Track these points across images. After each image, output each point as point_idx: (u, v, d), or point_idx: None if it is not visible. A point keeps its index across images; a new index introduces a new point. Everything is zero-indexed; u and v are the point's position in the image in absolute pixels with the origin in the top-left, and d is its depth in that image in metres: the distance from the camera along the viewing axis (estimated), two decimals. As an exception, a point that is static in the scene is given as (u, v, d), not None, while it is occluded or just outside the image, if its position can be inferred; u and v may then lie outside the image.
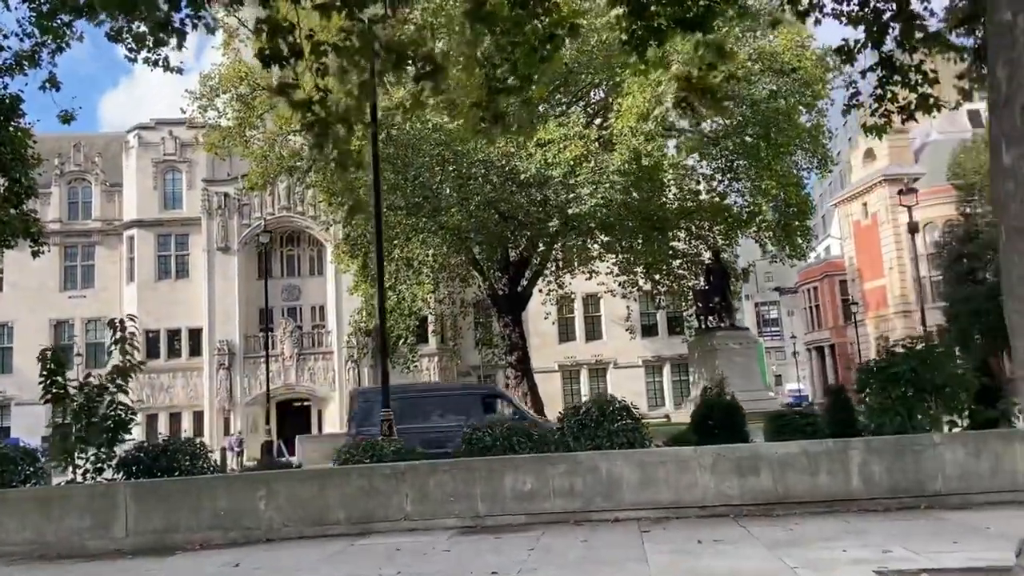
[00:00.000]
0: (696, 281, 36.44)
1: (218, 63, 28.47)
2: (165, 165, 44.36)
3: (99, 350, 44.02)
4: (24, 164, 14.65)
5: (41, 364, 9.81)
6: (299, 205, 44.03)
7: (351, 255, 30.97)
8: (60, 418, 9.65)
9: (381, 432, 10.95)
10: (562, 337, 46.99)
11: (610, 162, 24.02)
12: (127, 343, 9.90)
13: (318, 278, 45.27)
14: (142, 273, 43.28)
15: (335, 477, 8.77)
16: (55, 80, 15.38)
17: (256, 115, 28.93)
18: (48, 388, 9.76)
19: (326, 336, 44.13)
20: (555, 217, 25.64)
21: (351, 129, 8.85)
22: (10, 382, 42.78)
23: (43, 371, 9.78)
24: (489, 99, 9.31)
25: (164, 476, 10.29)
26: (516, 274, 33.26)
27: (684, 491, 8.31)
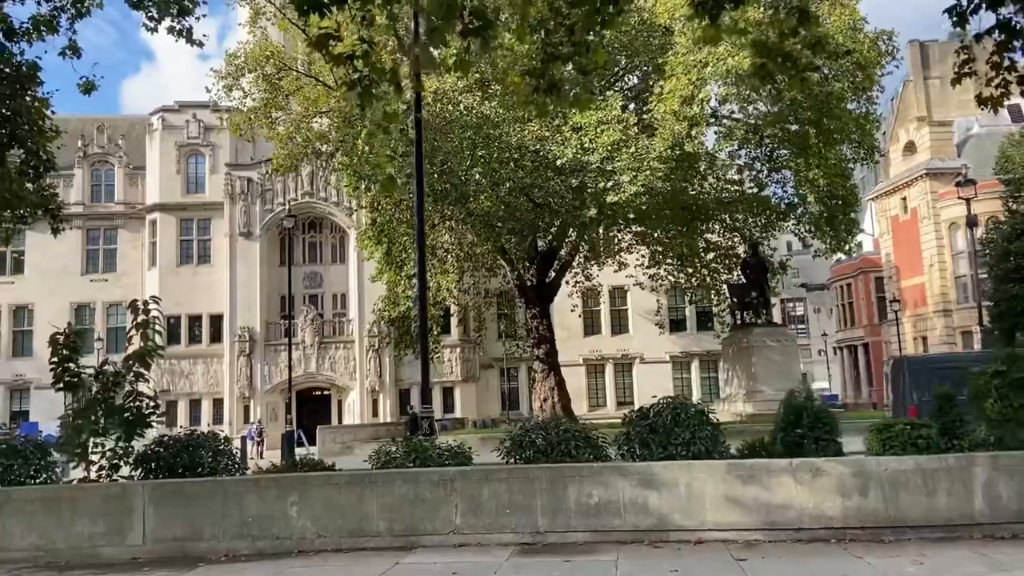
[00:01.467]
0: (730, 275, 35.25)
1: (244, 41, 27.63)
2: (188, 149, 43.64)
3: (120, 335, 43.49)
4: (42, 136, 13.73)
5: (52, 348, 8.91)
6: (322, 191, 43.20)
7: (376, 241, 30.01)
8: (74, 407, 8.74)
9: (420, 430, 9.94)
10: (587, 330, 45.90)
11: (651, 148, 22.83)
12: (149, 327, 8.96)
13: (340, 265, 44.45)
14: (164, 258, 42.65)
15: (376, 483, 7.78)
16: (76, 47, 14.48)
17: (282, 96, 28.06)
18: (60, 374, 8.85)
19: (347, 324, 43.33)
20: (591, 205, 24.52)
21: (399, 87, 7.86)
22: (30, 366, 42.31)
23: (54, 356, 8.87)
24: (543, 66, 8.30)
25: (185, 474, 9.39)
26: (545, 264, 32.21)
27: (776, 511, 7.25)
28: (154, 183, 43.45)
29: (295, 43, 29.98)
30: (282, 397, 42.35)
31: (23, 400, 42.57)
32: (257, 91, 27.12)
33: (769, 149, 28.53)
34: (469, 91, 24.64)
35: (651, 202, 23.96)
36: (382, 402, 42.15)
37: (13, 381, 42.36)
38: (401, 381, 42.74)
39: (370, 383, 42.01)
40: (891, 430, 7.64)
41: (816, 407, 8.31)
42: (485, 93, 25.05)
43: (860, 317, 55.11)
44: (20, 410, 42.28)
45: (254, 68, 26.79)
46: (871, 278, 53.78)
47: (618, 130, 23.37)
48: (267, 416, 41.22)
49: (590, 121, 23.65)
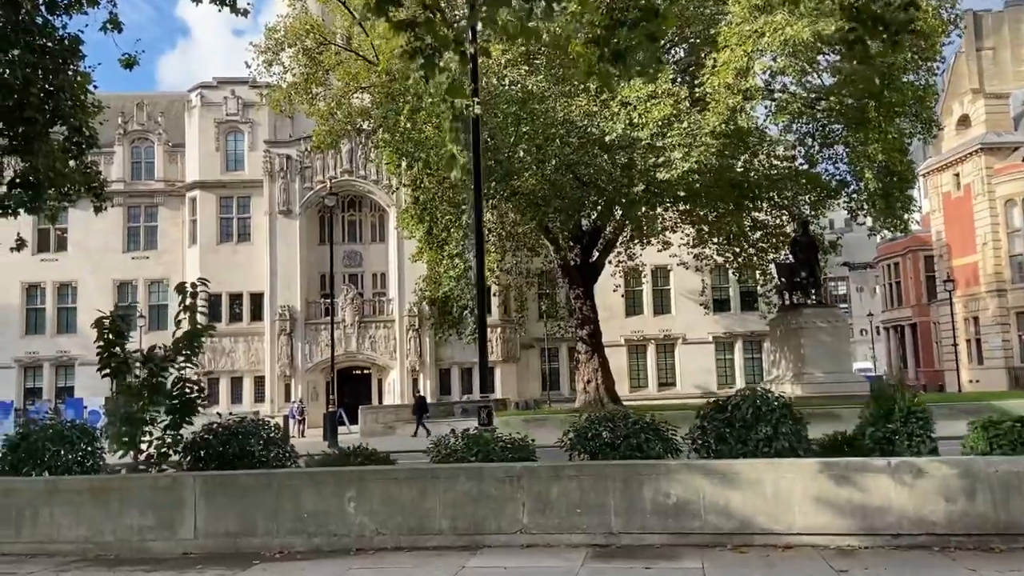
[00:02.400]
0: (777, 254, 34.28)
1: (284, 15, 27.22)
2: (227, 126, 43.56)
3: (161, 312, 43.91)
4: (84, 112, 13.43)
5: (97, 332, 8.58)
6: (362, 168, 42.85)
7: (418, 220, 29.58)
8: (121, 394, 8.41)
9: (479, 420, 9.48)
10: (629, 310, 45.16)
11: (704, 123, 21.98)
12: (197, 311, 8.58)
13: (380, 244, 44.19)
14: (204, 235, 42.78)
15: (439, 479, 7.32)
16: (116, 20, 14.13)
17: (322, 71, 27.65)
18: (106, 360, 8.53)
19: (387, 304, 43.13)
20: (639, 182, 23.77)
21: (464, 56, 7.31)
22: (74, 342, 42.90)
23: (99, 340, 8.55)
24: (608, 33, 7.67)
25: (235, 463, 9.06)
26: (589, 244, 31.55)
27: (873, 515, 6.65)
28: (193, 160, 43.51)
29: (335, 17, 29.51)
30: (323, 376, 42.42)
31: (68, 376, 43.23)
32: (297, 66, 26.74)
33: (821, 124, 27.46)
34: (514, 64, 23.98)
35: (702, 179, 23.13)
36: (422, 382, 42.00)
37: (58, 357, 43.00)
38: (441, 361, 42.54)
39: (410, 363, 41.85)
40: (999, 427, 6.97)
41: (909, 399, 7.65)
42: (531, 67, 24.37)
43: (908, 297, 53.54)
44: (65, 386, 42.94)
45: (294, 42, 26.40)
46: (920, 257, 52.09)
47: (669, 104, 22.53)
48: (308, 395, 41.34)
49: (640, 95, 22.84)
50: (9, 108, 12.32)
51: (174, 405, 8.56)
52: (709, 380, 44.49)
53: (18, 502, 7.54)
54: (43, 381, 42.89)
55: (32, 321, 43.39)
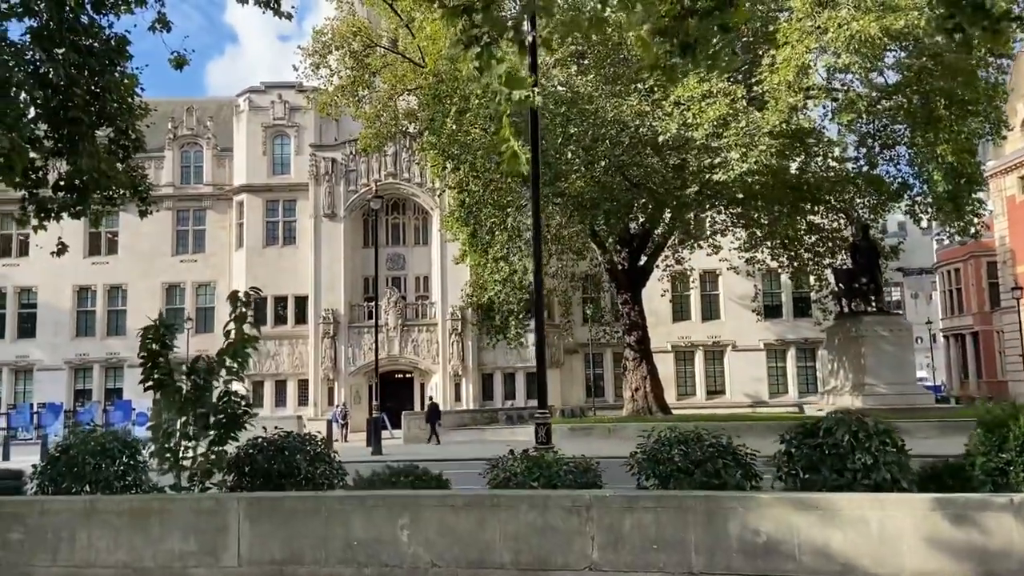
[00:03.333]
0: (832, 259, 33.07)
1: (331, 17, 27.01)
2: (274, 130, 43.70)
3: (208, 315, 44.23)
4: (131, 114, 13.14)
5: (141, 342, 8.15)
6: (405, 171, 42.62)
7: (463, 222, 29.13)
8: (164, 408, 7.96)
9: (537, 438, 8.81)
10: (676, 316, 44.09)
11: (763, 122, 21.08)
12: (246, 321, 8.10)
13: (423, 247, 43.88)
14: (250, 239, 42.94)
15: (499, 507, 6.70)
16: (165, 20, 13.83)
17: (368, 73, 27.38)
18: (150, 372, 8.09)
19: (430, 307, 42.77)
20: (692, 184, 22.95)
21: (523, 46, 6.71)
22: (123, 344, 43.35)
23: (143, 350, 8.12)
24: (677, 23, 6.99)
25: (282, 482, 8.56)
26: (637, 248, 30.76)
27: (994, 559, 5.86)
28: (241, 164, 43.75)
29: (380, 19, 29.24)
30: (365, 379, 42.21)
31: (117, 378, 43.70)
32: (344, 68, 26.52)
33: (882, 124, 26.33)
34: (563, 64, 23.35)
35: (760, 181, 22.22)
36: (464, 387, 41.53)
37: (107, 359, 43.51)
38: (484, 365, 42.03)
39: (453, 367, 41.41)
40: None
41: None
42: (580, 66, 23.73)
43: (969, 304, 51.54)
44: (114, 387, 43.41)
45: (341, 45, 26.16)
46: (983, 263, 50.09)
47: (725, 104, 21.70)
48: (351, 398, 41.17)
49: (694, 95, 22.06)
50: (53, 108, 12.10)
51: (219, 420, 8.09)
52: (760, 389, 43.25)
53: (55, 523, 7.12)
54: (93, 383, 43.44)
55: (82, 323, 44.00)
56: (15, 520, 7.24)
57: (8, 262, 43.40)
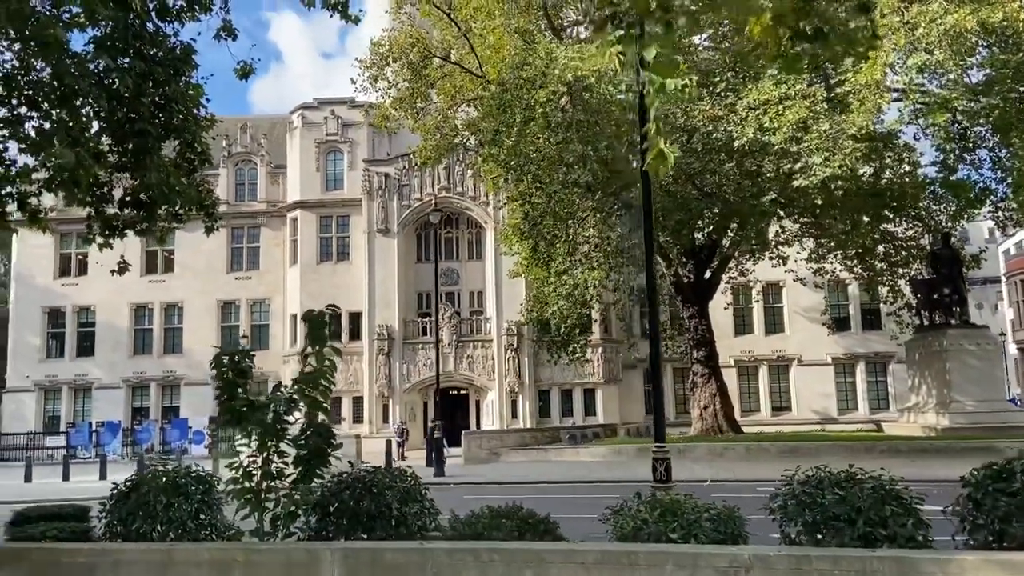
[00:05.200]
0: (907, 269, 31.41)
1: (388, 28, 26.52)
2: (327, 145, 43.54)
3: (263, 332, 44.11)
4: (197, 126, 12.57)
5: (216, 371, 7.38)
6: (459, 185, 42.03)
7: (523, 236, 28.29)
8: (246, 444, 7.18)
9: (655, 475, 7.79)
10: (738, 329, 42.55)
11: (847, 124, 19.83)
12: (327, 343, 7.29)
13: (477, 262, 43.17)
14: (304, 255, 42.74)
15: (638, 565, 5.70)
16: (230, 28, 13.28)
17: (426, 84, 26.80)
18: (227, 403, 7.31)
19: (485, 323, 41.98)
20: (771, 190, 21.74)
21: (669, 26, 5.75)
22: (180, 362, 43.51)
23: (219, 379, 7.35)
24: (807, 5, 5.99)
25: (372, 524, 7.71)
26: (705, 260, 29.55)
27: None
28: (295, 181, 43.67)
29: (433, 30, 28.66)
30: (420, 396, 41.58)
31: (173, 395, 43.77)
32: (401, 80, 25.97)
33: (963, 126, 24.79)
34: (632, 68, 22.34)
35: (843, 186, 20.93)
36: (521, 404, 40.57)
37: (164, 377, 43.60)
38: (540, 382, 41.02)
39: (509, 384, 40.50)
40: None
41: None
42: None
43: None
44: (171, 405, 43.47)
45: (399, 56, 25.62)
46: (1060, 272, 47.60)
47: (804, 106, 20.52)
48: (406, 415, 40.51)
49: (770, 98, 20.93)
50: (118, 120, 11.58)
51: (303, 455, 7.28)
52: (828, 405, 41.43)
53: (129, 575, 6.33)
54: (150, 401, 43.54)
55: (140, 342, 44.20)
56: (86, 571, 6.50)
57: (67, 281, 43.86)
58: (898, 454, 22.93)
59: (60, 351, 43.91)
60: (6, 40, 12.75)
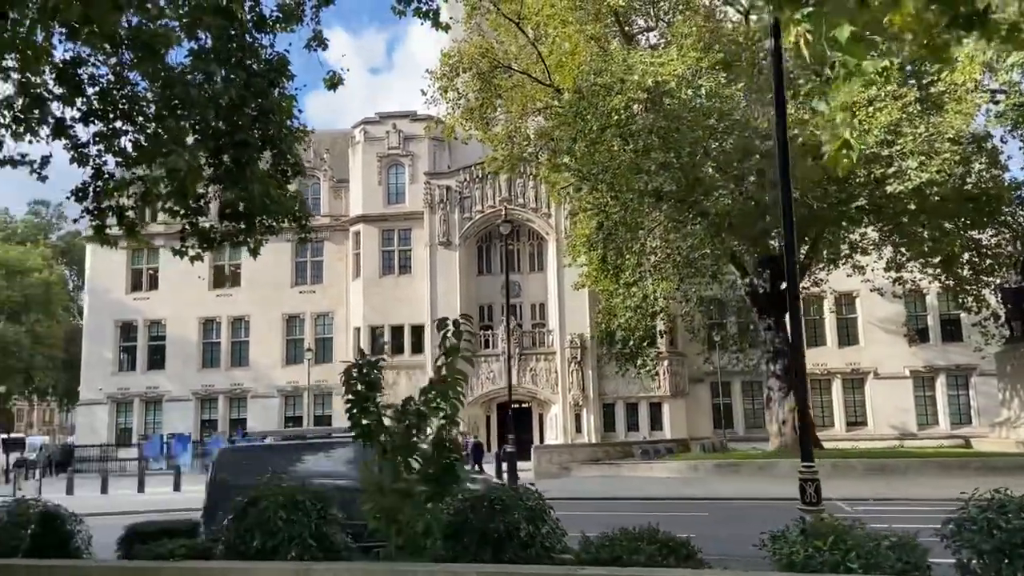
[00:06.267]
0: (992, 277, 30.01)
1: (458, 39, 26.44)
2: (389, 159, 43.78)
3: (327, 345, 44.39)
4: (291, 136, 12.47)
5: (345, 384, 7.10)
6: (520, 197, 41.77)
7: (592, 247, 27.84)
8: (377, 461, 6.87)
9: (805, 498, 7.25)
10: (809, 342, 41.22)
11: (944, 127, 18.95)
12: (460, 354, 6.95)
13: (538, 274, 42.82)
14: (367, 268, 42.94)
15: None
16: (321, 37, 13.22)
17: (495, 95, 26.62)
18: (357, 418, 7.02)
19: (547, 335, 41.54)
20: (860, 196, 20.92)
21: (864, 0, 5.27)
22: (247, 375, 44.04)
23: (349, 392, 7.07)
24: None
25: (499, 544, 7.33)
26: (781, 268, 28.64)
27: None
28: (357, 195, 43.97)
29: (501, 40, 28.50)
30: (483, 410, 41.27)
31: (240, 408, 44.28)
32: (471, 91, 25.84)
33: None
34: (712, 71, 21.82)
35: (939, 192, 20.00)
36: (585, 418, 39.95)
37: (232, 390, 44.15)
38: (605, 396, 40.36)
39: (573, 397, 39.94)
40: None
41: None
42: (730, 73, 22.17)
43: None
44: (238, 418, 43.97)
45: (469, 66, 25.49)
46: None
47: (896, 108, 19.70)
48: (471, 429, 40.18)
49: (859, 100, 20.16)
50: (217, 131, 11.51)
51: (430, 473, 6.93)
52: (907, 420, 39.85)
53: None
54: (218, 413, 44.12)
55: (208, 355, 44.87)
56: (221, 592, 6.23)
57: (139, 296, 44.81)
58: (995, 471, 21.72)
59: (132, 364, 44.82)
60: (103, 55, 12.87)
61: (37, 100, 12.52)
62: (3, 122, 11.47)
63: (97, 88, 12.51)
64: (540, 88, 25.80)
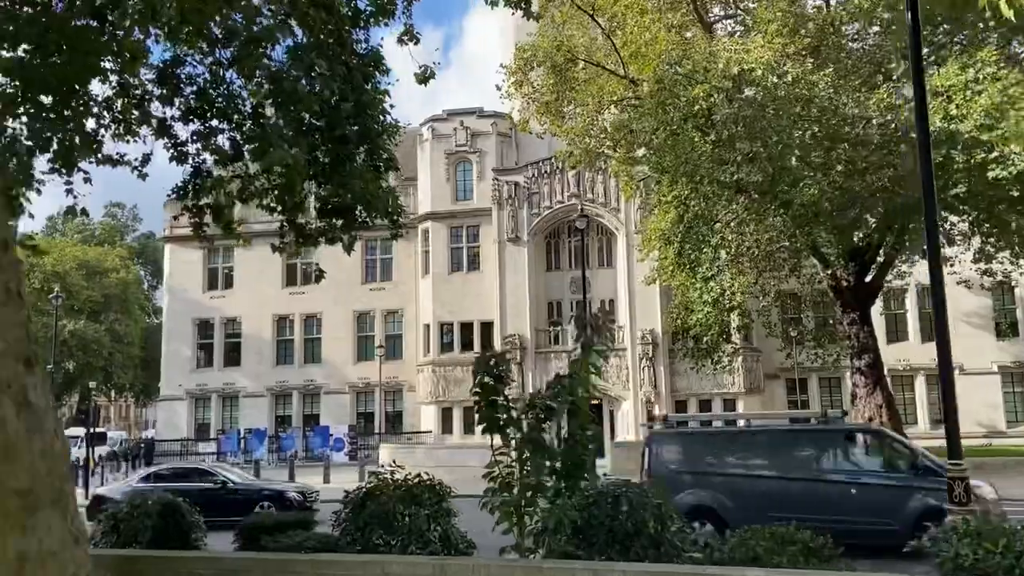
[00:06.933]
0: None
1: (532, 32, 26.22)
2: (456, 156, 43.92)
3: (397, 342, 44.82)
4: (385, 131, 12.47)
5: (474, 377, 6.98)
6: (589, 192, 41.41)
7: (668, 241, 27.35)
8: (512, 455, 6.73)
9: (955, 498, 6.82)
10: (890, 336, 39.91)
11: (1052, 108, 17.94)
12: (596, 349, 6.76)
13: (607, 269, 42.40)
14: (436, 265, 43.16)
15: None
16: (412, 32, 13.19)
17: (570, 88, 26.31)
18: (487, 413, 6.90)
19: (618, 332, 41.00)
20: (960, 183, 19.97)
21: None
22: (320, 372, 44.78)
23: (478, 386, 6.95)
24: None
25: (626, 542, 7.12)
26: (867, 260, 27.68)
27: None
28: (425, 192, 44.25)
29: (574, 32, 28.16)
30: (552, 406, 41.09)
31: (314, 404, 45.04)
32: (546, 84, 25.61)
33: None
34: (798, 56, 21.11)
35: (1047, 177, 18.94)
36: (657, 414, 39.36)
37: (305, 386, 44.94)
38: (677, 392, 39.78)
39: (644, 394, 39.45)
40: None
41: None
42: (819, 59, 21.41)
43: None
44: (312, 413, 44.75)
45: (544, 60, 25.25)
46: None
47: (996, 91, 18.74)
48: (540, 426, 40.10)
49: (955, 83, 19.27)
50: (319, 127, 11.56)
51: (558, 468, 6.76)
52: (995, 418, 38.21)
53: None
54: (292, 409, 44.97)
55: (282, 352, 45.75)
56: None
57: (215, 294, 45.95)
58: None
59: (209, 361, 46.01)
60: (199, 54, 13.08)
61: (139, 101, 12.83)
62: (103, 123, 11.76)
63: (194, 87, 12.76)
64: (615, 80, 25.41)
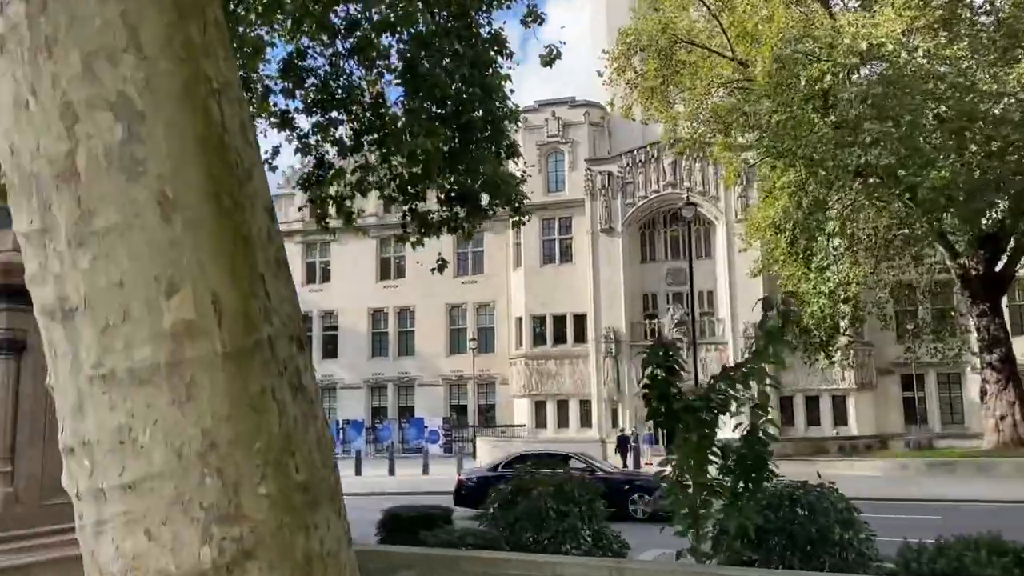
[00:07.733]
0: None
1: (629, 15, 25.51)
2: (548, 147, 43.46)
3: (488, 335, 44.75)
4: (507, 117, 12.11)
5: (645, 368, 6.50)
6: (686, 180, 40.25)
7: (778, 229, 26.19)
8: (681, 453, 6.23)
9: None
10: (1015, 329, 37.14)
11: None
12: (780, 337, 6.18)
13: (705, 260, 41.13)
14: (528, 258, 42.84)
15: None
16: (536, 13, 12.81)
17: (673, 72, 25.44)
18: (656, 409, 6.41)
19: (717, 325, 39.91)
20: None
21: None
22: (413, 364, 45.16)
23: (648, 378, 6.47)
24: None
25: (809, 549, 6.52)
26: (998, 248, 25.87)
27: None
28: (517, 184, 43.92)
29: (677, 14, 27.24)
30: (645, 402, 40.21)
31: (408, 396, 45.46)
32: (650, 69, 24.81)
33: None
34: (929, 31, 19.72)
35: None
36: (761, 410, 38.02)
37: (400, 378, 45.41)
38: (782, 387, 38.14)
39: (746, 388, 38.12)
40: None
41: None
42: (951, 33, 19.97)
43: None
44: (406, 405, 45.19)
45: (648, 44, 24.47)
46: None
47: None
48: (636, 420, 39.26)
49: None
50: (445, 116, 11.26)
51: (738, 465, 6.21)
52: None
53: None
54: (387, 400, 45.52)
55: (377, 345, 46.36)
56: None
57: (313, 288, 46.88)
58: None
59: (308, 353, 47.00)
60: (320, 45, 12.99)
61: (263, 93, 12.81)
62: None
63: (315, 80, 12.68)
64: (723, 62, 24.43)
